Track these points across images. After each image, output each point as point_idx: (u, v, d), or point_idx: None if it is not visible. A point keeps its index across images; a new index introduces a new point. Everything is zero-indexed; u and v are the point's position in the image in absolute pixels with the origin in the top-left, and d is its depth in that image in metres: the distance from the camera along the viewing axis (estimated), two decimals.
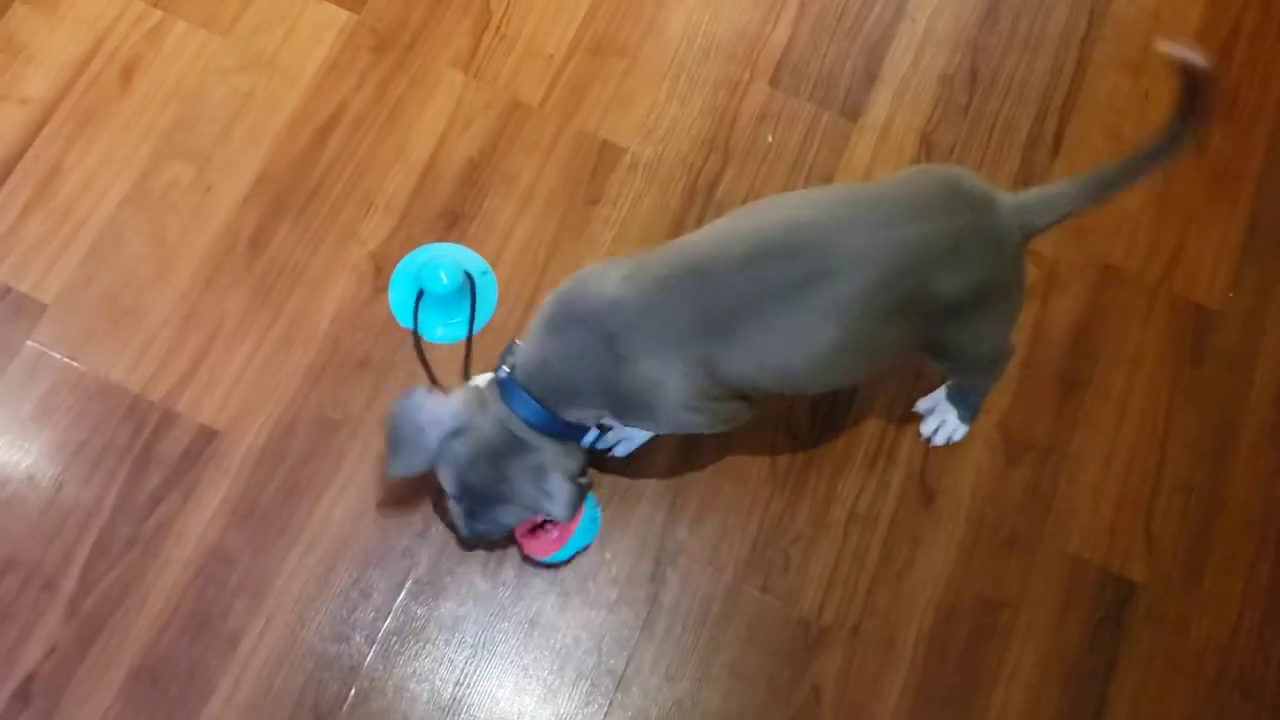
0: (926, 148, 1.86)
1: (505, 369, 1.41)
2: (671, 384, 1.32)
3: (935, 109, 1.89)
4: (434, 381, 1.65)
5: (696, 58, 1.89)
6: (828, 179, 1.82)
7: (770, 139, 1.84)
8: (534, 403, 1.37)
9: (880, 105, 1.88)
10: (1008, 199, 1.36)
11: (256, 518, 1.59)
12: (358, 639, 1.55)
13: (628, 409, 1.37)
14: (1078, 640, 1.62)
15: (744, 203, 1.80)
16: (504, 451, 1.39)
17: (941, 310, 1.33)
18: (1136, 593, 1.65)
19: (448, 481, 1.44)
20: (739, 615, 1.60)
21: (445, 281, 1.66)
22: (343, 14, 1.87)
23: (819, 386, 1.42)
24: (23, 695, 1.50)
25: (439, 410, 1.41)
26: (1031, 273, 1.78)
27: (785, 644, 1.59)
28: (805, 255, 1.27)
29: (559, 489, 1.40)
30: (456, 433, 1.40)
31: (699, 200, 1.80)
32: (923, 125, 1.87)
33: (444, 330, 1.70)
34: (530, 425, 1.38)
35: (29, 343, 1.65)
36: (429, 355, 1.68)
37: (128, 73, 1.81)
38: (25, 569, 1.55)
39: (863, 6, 1.94)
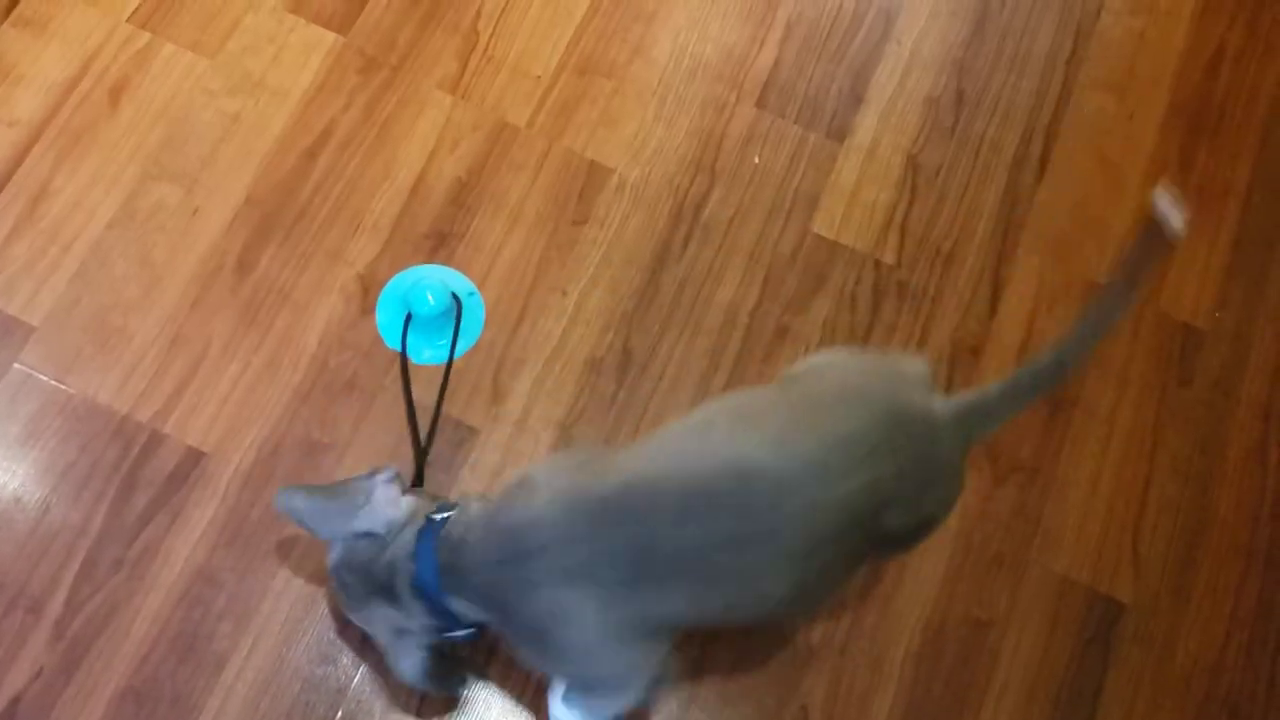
0: (913, 169, 1.86)
1: (445, 514, 1.34)
2: (576, 620, 1.22)
3: (921, 130, 1.89)
4: (412, 407, 1.64)
5: (683, 79, 1.89)
6: (814, 200, 1.83)
7: (757, 160, 1.85)
8: (433, 569, 1.30)
9: (866, 127, 1.89)
10: (947, 413, 1.27)
11: (243, 539, 1.59)
12: (345, 660, 1.55)
13: (518, 634, 1.30)
14: (1065, 660, 1.62)
15: (730, 224, 1.80)
16: (379, 587, 1.34)
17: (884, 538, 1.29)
18: (1124, 613, 1.65)
19: (332, 554, 1.40)
20: (726, 636, 1.60)
21: (432, 303, 1.66)
22: (330, 35, 1.87)
23: (778, 616, 1.37)
24: (8, 718, 1.49)
25: (381, 510, 1.36)
26: (1018, 293, 1.80)
27: (772, 665, 1.59)
28: (750, 511, 1.18)
29: (410, 656, 1.36)
30: (370, 535, 1.36)
31: (685, 221, 1.80)
32: (909, 146, 1.88)
33: (431, 352, 1.70)
34: (415, 584, 1.31)
35: (16, 365, 1.65)
36: (415, 375, 1.68)
37: (116, 94, 1.81)
38: (11, 591, 1.55)
39: (849, 29, 1.95)
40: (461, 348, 1.71)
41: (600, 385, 1.71)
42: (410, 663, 1.37)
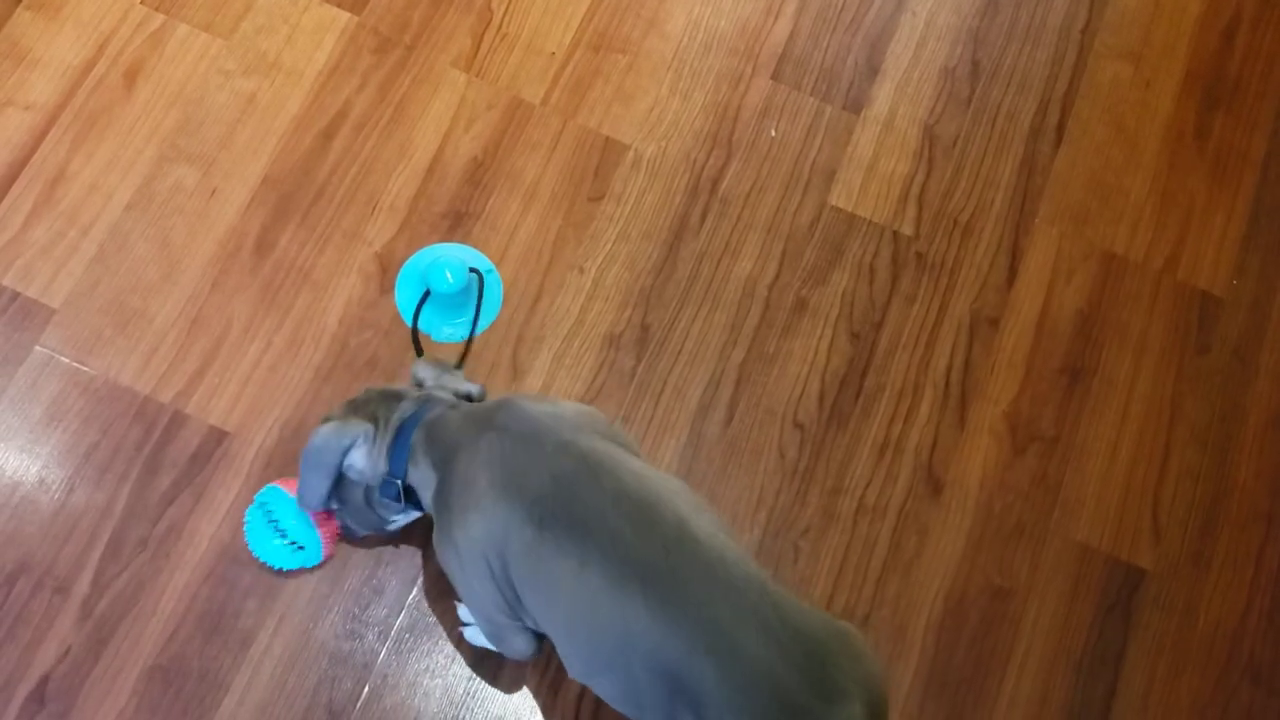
0: (930, 140, 1.86)
1: (429, 413, 1.39)
2: (477, 517, 1.25)
3: (938, 101, 1.89)
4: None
5: (698, 52, 1.89)
6: (831, 172, 1.83)
7: (774, 133, 1.85)
8: (409, 435, 1.37)
9: (883, 98, 1.88)
10: None
11: None
12: (370, 636, 1.56)
13: (438, 497, 1.32)
14: (1087, 628, 1.63)
15: (747, 198, 1.80)
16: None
17: None
18: (1145, 580, 1.66)
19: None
20: None
21: (451, 281, 1.66)
22: (344, 15, 1.87)
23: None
24: (38, 697, 1.51)
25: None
26: (1036, 263, 1.80)
27: None
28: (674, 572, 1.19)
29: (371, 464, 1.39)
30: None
31: (702, 195, 1.80)
32: (925, 117, 1.88)
33: (450, 330, 1.71)
34: (389, 468, 1.38)
35: (37, 347, 1.66)
36: (433, 353, 1.69)
37: (131, 77, 1.81)
38: (38, 572, 1.56)
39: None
40: (480, 325, 1.71)
41: (619, 361, 1.71)
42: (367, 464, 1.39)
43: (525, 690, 1.55)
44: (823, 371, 1.72)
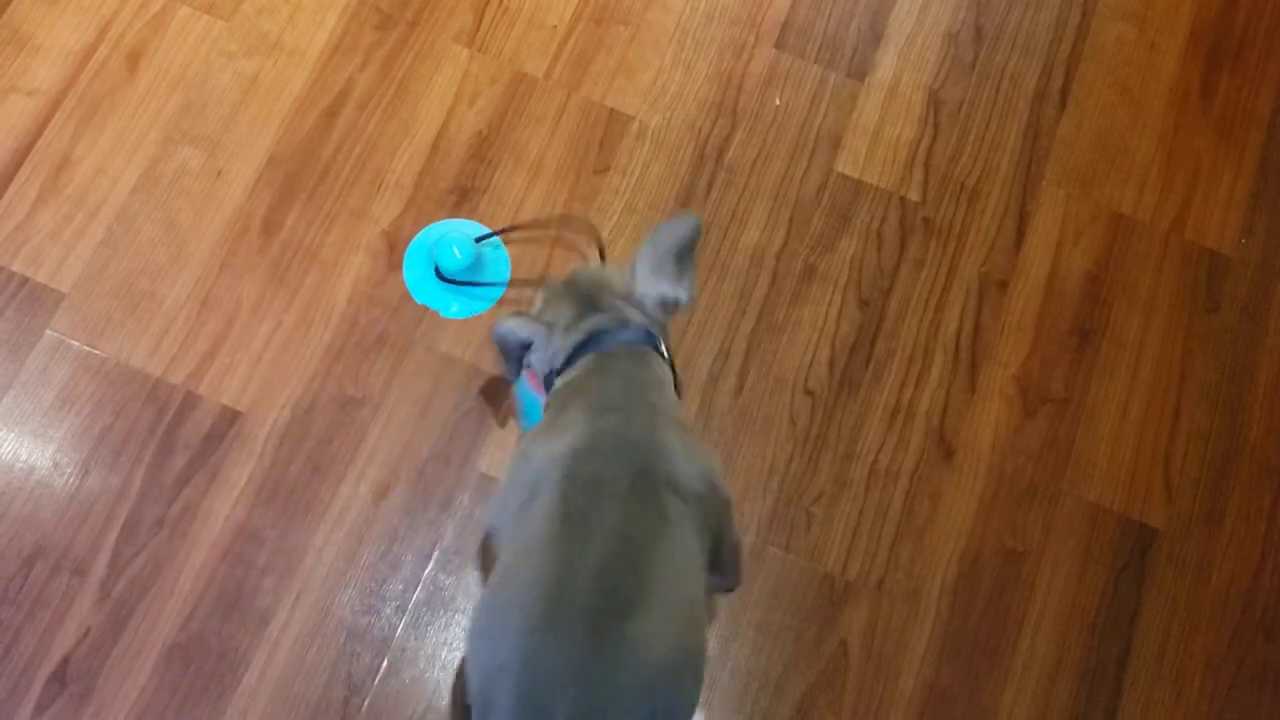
0: (935, 105, 1.85)
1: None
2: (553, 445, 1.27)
3: (942, 66, 1.88)
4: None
5: (700, 22, 1.88)
6: (837, 139, 1.82)
7: (778, 101, 1.84)
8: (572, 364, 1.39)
9: (887, 65, 1.88)
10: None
11: (282, 496, 1.60)
12: (388, 611, 1.57)
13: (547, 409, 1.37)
14: (1101, 588, 1.63)
15: (753, 167, 1.80)
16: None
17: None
18: (1158, 539, 1.66)
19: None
20: (764, 574, 1.61)
21: (459, 257, 1.66)
22: None
23: None
24: (59, 678, 1.52)
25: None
26: (1043, 225, 1.80)
27: (811, 600, 1.60)
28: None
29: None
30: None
31: (708, 165, 1.80)
32: (930, 83, 1.87)
33: (459, 305, 1.71)
34: (561, 367, 1.40)
35: (48, 331, 1.66)
36: (445, 329, 1.69)
37: (133, 60, 1.81)
38: (55, 555, 1.56)
39: None
40: (489, 299, 1.71)
41: None
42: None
43: None
44: (832, 338, 1.72)
